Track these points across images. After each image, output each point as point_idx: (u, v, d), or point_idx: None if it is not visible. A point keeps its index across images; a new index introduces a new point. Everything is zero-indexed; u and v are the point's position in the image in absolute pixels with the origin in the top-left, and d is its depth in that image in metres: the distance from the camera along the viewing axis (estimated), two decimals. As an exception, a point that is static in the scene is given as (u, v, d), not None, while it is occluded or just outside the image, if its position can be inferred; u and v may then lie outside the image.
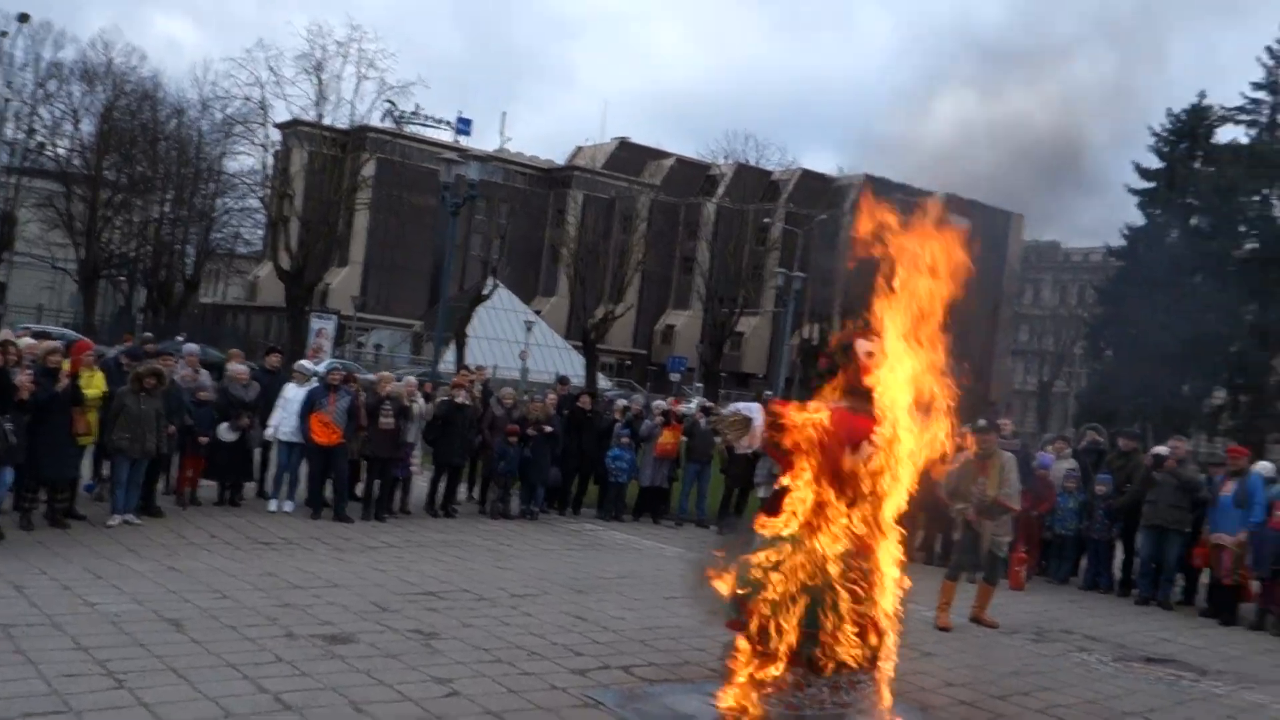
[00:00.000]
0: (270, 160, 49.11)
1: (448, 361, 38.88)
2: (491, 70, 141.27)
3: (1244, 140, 51.58)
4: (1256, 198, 51.16)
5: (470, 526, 13.86)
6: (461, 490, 15.27)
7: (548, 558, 12.22)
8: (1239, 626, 11.94)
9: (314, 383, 13.44)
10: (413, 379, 14.94)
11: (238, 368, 13.67)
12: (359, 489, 13.82)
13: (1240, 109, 52.02)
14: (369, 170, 49.11)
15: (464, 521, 14.22)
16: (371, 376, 15.77)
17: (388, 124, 57.28)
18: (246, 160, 49.58)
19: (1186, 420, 48.54)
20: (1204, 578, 12.94)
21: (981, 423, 10.77)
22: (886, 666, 6.73)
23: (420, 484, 14.74)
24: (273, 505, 13.27)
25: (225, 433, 12.89)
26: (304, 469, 13.34)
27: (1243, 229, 51.30)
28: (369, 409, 13.29)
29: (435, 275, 60.25)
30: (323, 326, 43.86)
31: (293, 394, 13.24)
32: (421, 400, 14.28)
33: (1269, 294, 48.05)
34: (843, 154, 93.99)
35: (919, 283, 6.82)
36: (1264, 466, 13.05)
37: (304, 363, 14.52)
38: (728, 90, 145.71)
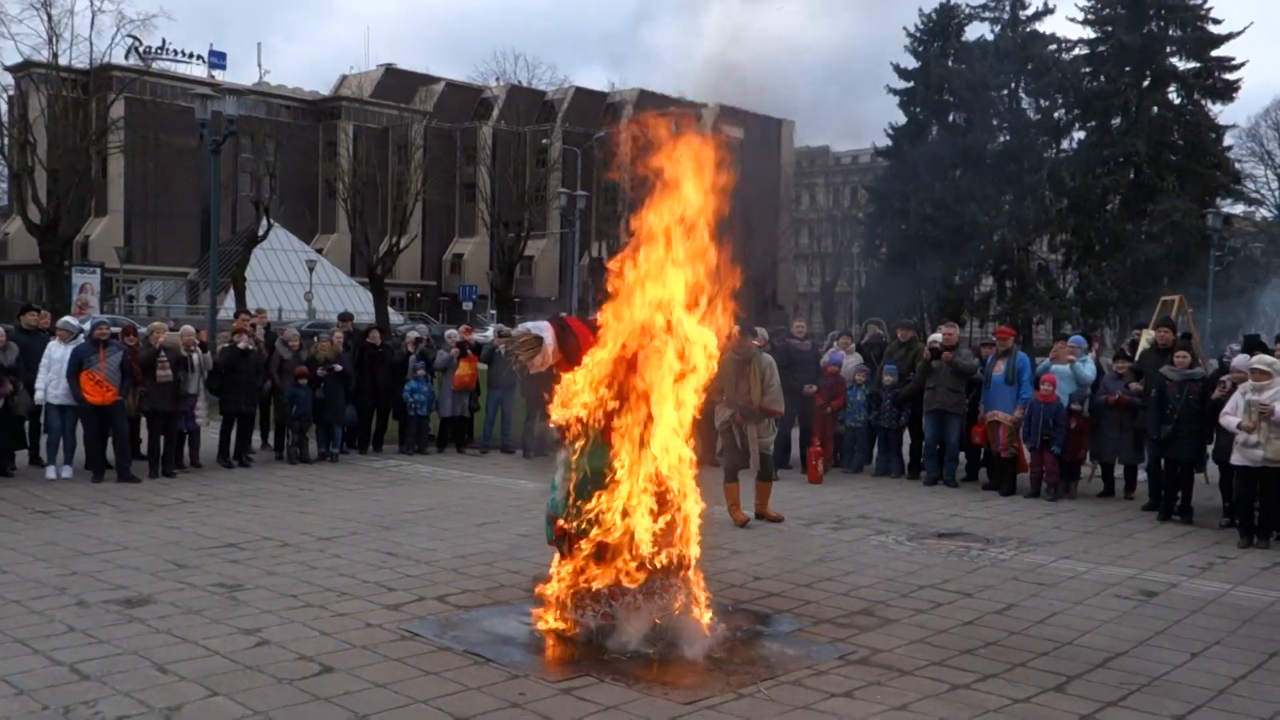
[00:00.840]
0: (4, 106, 45.38)
1: (227, 308, 37.35)
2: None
3: (990, 37, 54.17)
4: (1005, 92, 53.96)
5: (267, 474, 13.42)
6: (255, 438, 14.75)
7: (352, 498, 11.97)
8: (1017, 496, 12.77)
9: (80, 340, 12.64)
10: (190, 328, 14.25)
11: (-7, 331, 12.72)
12: (144, 447, 13.16)
13: (984, 6, 54.53)
14: (118, 111, 46.07)
15: (260, 470, 13.76)
16: (144, 329, 14.95)
17: (133, 61, 53.71)
18: (-25, 108, 45.48)
19: (960, 308, 51.42)
20: (984, 454, 13.74)
21: (738, 327, 10.66)
22: (696, 568, 6.88)
23: (210, 436, 14.15)
24: (50, 472, 12.54)
25: (-15, 401, 12.01)
26: (81, 431, 12.60)
27: (995, 122, 54.11)
28: (144, 363, 12.63)
29: (204, 219, 57.33)
30: (86, 281, 41.35)
31: (58, 353, 12.43)
32: (200, 349, 13.65)
33: (1021, 183, 51.06)
34: (615, 70, 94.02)
35: (692, 192, 6.82)
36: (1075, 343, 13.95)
37: (67, 319, 13.62)
38: (491, 8, 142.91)
